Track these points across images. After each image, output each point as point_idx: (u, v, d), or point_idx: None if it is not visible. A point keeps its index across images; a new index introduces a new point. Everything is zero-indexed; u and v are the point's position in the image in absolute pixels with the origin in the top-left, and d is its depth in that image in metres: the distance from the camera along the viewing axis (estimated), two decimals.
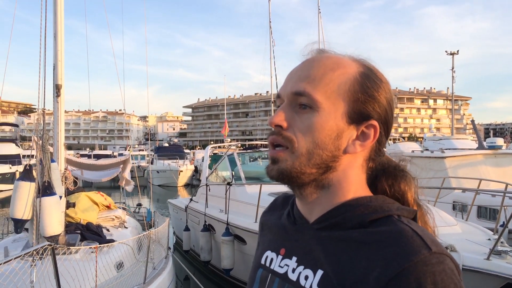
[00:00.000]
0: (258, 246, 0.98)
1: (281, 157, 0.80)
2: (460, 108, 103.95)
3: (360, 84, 0.80)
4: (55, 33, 5.99)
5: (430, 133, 27.90)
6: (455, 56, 28.93)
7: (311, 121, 0.79)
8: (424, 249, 0.69)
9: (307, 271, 0.79)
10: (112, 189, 19.79)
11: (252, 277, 0.92)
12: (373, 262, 0.70)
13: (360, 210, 0.78)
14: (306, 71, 0.81)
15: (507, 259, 4.73)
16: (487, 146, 12.04)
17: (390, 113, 0.83)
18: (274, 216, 0.98)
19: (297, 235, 0.85)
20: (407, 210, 0.80)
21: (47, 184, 4.89)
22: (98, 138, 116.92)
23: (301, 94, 0.79)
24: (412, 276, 0.66)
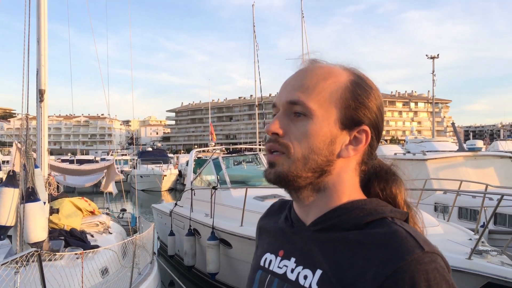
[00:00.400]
0: (257, 249, 1.02)
1: (278, 161, 0.84)
2: (440, 111, 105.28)
3: (351, 91, 0.85)
4: (38, 38, 5.94)
5: (411, 136, 28.29)
6: (436, 59, 29.46)
7: (306, 128, 0.83)
8: (417, 248, 0.73)
9: (306, 271, 0.82)
10: (94, 195, 19.55)
11: (251, 279, 0.95)
12: (369, 261, 0.74)
13: (355, 213, 0.82)
14: (299, 81, 0.85)
15: (488, 258, 4.84)
16: (467, 148, 12.28)
17: (380, 118, 0.88)
18: (272, 220, 1.01)
19: (295, 237, 0.89)
20: (400, 212, 0.84)
21: (31, 190, 4.84)
22: (80, 143, 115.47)
23: (296, 103, 0.83)
24: (406, 274, 0.71)
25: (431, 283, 0.70)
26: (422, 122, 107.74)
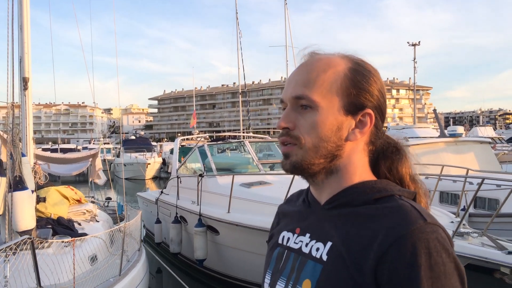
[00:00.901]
0: (274, 234, 1.09)
1: (291, 152, 0.92)
2: (421, 97, 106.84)
3: (350, 79, 0.91)
4: (21, 24, 5.84)
5: (393, 122, 28.66)
6: (417, 46, 29.75)
7: (313, 119, 0.90)
8: (420, 219, 0.80)
9: (318, 244, 0.90)
10: (78, 183, 19.38)
11: (269, 256, 1.04)
12: (376, 231, 0.82)
13: (365, 191, 0.90)
14: (301, 75, 0.92)
15: (469, 240, 5.01)
16: (448, 134, 12.52)
17: (382, 99, 0.95)
18: (290, 205, 1.10)
19: (311, 215, 0.97)
20: (408, 191, 0.92)
21: (18, 179, 4.81)
22: (61, 132, 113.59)
23: (301, 98, 0.91)
24: (408, 241, 0.78)
25: (431, 251, 0.77)
26: (403, 109, 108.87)
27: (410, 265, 0.76)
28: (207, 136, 14.17)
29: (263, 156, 9.88)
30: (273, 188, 7.08)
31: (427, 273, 0.76)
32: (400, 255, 0.77)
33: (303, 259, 0.92)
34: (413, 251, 0.77)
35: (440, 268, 0.76)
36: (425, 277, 0.75)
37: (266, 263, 1.04)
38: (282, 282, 0.94)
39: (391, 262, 0.77)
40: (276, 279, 0.97)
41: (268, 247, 1.08)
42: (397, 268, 0.77)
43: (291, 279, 0.92)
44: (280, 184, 6.78)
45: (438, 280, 0.76)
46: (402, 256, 0.77)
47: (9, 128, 4.93)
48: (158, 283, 8.64)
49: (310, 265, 0.89)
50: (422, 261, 0.76)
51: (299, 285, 0.89)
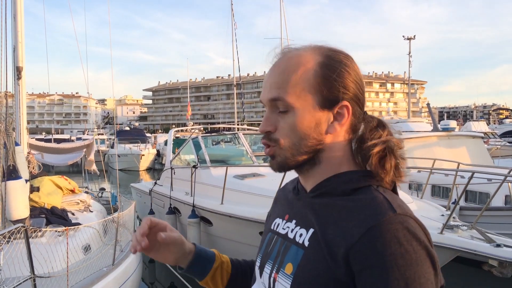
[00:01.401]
0: (269, 218, 1.15)
1: (274, 153, 0.97)
2: (416, 92, 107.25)
3: (321, 75, 0.92)
4: (14, 13, 5.81)
5: (388, 116, 28.73)
6: (412, 41, 29.78)
7: (291, 120, 0.93)
8: (390, 211, 0.83)
9: (302, 230, 0.94)
10: (72, 174, 19.32)
11: (262, 241, 1.09)
12: (350, 222, 0.85)
13: (344, 181, 0.94)
14: (275, 77, 0.95)
15: (459, 233, 5.06)
16: (441, 128, 12.60)
17: (358, 87, 0.96)
18: (284, 192, 1.15)
19: (298, 202, 1.02)
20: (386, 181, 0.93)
21: (12, 168, 4.82)
22: (54, 122, 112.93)
23: (276, 100, 0.93)
24: (378, 232, 0.80)
25: (401, 240, 0.79)
26: (398, 103, 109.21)
27: (381, 254, 0.79)
28: (201, 128, 14.17)
29: (257, 148, 9.90)
30: (267, 180, 7.11)
31: (398, 262, 0.78)
32: (371, 245, 0.80)
33: (288, 244, 0.96)
34: (383, 241, 0.79)
35: (411, 256, 0.78)
36: (396, 266, 0.77)
37: (260, 247, 1.10)
38: (269, 265, 0.99)
39: (362, 252, 0.80)
40: (264, 262, 1.02)
41: (263, 233, 1.13)
42: (367, 258, 0.80)
43: (276, 262, 0.97)
44: (274, 176, 6.81)
45: (410, 267, 0.78)
46: (372, 246, 0.80)
47: (2, 118, 4.92)
48: (151, 273, 8.68)
49: (293, 249, 0.93)
50: (392, 250, 0.78)
51: (283, 268, 0.94)
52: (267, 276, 0.98)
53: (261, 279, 1.02)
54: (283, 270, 0.93)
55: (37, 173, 6.87)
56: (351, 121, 0.97)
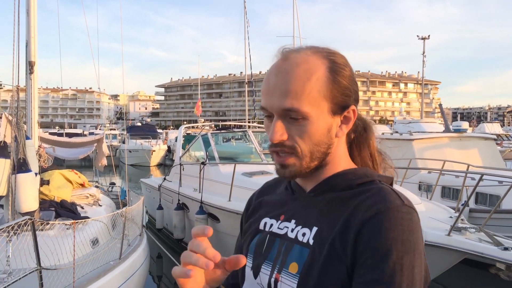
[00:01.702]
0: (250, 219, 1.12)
1: (289, 162, 0.94)
2: (429, 92, 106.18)
3: (333, 82, 0.92)
4: (27, 8, 5.88)
5: (400, 116, 28.53)
6: (426, 40, 29.50)
7: (306, 129, 0.92)
8: (398, 200, 0.87)
9: (304, 229, 0.95)
10: (83, 168, 19.55)
11: (247, 241, 1.06)
12: (357, 210, 0.88)
13: (348, 177, 0.97)
14: (285, 85, 0.90)
15: (467, 235, 5.01)
16: (453, 130, 12.49)
17: (357, 88, 0.98)
18: (269, 194, 1.13)
19: (295, 202, 1.02)
20: (386, 177, 0.99)
21: (22, 161, 4.88)
22: (68, 117, 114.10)
23: (291, 110, 0.90)
24: (385, 216, 0.84)
25: (405, 228, 0.83)
26: (411, 103, 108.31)
27: (383, 237, 0.82)
28: (212, 125, 14.22)
29: (267, 146, 9.90)
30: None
31: (398, 247, 0.81)
32: (376, 228, 0.83)
33: (289, 244, 0.95)
34: (388, 225, 0.83)
35: (411, 245, 0.82)
36: (396, 250, 0.81)
37: (244, 247, 1.07)
38: (267, 265, 0.97)
39: (367, 233, 0.83)
40: (260, 262, 0.99)
41: (245, 234, 1.10)
42: (370, 240, 0.83)
43: (277, 263, 0.95)
44: None
45: (407, 255, 0.81)
46: (377, 229, 0.83)
47: (13, 111, 4.99)
48: (159, 268, 8.75)
49: (296, 249, 0.93)
50: (394, 235, 0.82)
51: (286, 268, 0.93)
52: (266, 277, 0.97)
53: (257, 280, 0.99)
54: (286, 270, 0.93)
55: (48, 166, 6.96)
56: (354, 122, 1.00)
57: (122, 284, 5.08)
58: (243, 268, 1.03)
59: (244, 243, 1.09)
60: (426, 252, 0.87)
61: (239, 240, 1.18)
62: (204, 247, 0.80)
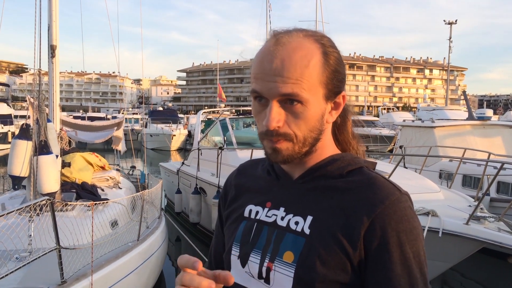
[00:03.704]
0: (234, 209, 1.08)
1: (282, 147, 0.92)
2: (455, 79, 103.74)
3: (328, 67, 0.92)
4: None
5: (424, 103, 28.04)
6: (453, 25, 28.79)
7: (303, 115, 0.91)
8: (396, 191, 0.90)
9: (297, 218, 0.94)
10: (105, 151, 19.89)
11: (233, 228, 1.04)
12: (358, 203, 0.89)
13: (337, 164, 0.97)
14: (284, 71, 0.88)
15: (485, 224, 4.94)
16: (477, 117, 12.21)
17: (345, 72, 0.98)
18: (247, 177, 1.11)
19: (283, 189, 1.00)
20: (371, 162, 1.00)
21: (43, 143, 5.00)
22: (91, 100, 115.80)
23: (291, 95, 0.89)
24: (392, 210, 0.87)
25: (409, 217, 0.88)
26: (436, 90, 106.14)
27: (395, 231, 0.86)
28: (232, 110, 14.24)
29: None
30: None
31: (409, 237, 0.86)
32: (385, 223, 0.86)
33: (280, 232, 0.94)
34: (396, 218, 0.87)
35: (417, 232, 0.89)
36: (407, 241, 0.86)
37: (229, 235, 1.05)
38: (256, 254, 0.96)
39: (378, 229, 0.86)
40: (247, 251, 0.98)
41: (227, 220, 1.09)
42: (383, 235, 0.86)
43: (268, 251, 0.94)
44: None
45: (415, 242, 0.87)
46: (387, 224, 0.86)
47: (35, 94, 5.10)
48: (177, 251, 8.90)
49: (289, 238, 0.92)
50: (404, 227, 0.86)
51: (280, 257, 0.92)
52: (256, 266, 0.95)
53: (245, 268, 0.98)
54: (280, 259, 0.91)
55: (69, 149, 7.11)
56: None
57: (140, 265, 5.20)
58: (228, 256, 1.02)
59: (227, 230, 1.07)
60: (444, 240, 0.91)
61: (218, 226, 1.17)
62: (198, 282, 0.74)
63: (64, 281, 3.73)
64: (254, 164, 1.14)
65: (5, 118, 30.38)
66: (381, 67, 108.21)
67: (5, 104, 33.33)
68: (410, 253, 0.85)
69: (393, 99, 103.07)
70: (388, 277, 0.84)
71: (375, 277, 0.86)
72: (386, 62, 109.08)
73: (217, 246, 1.17)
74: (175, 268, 8.18)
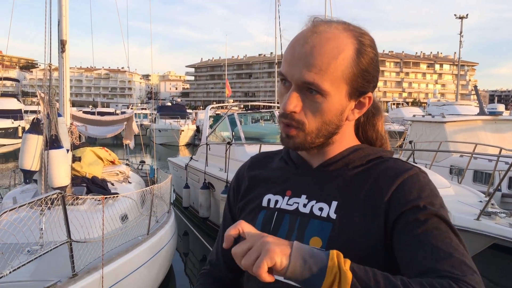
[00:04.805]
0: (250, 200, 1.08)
1: (294, 134, 0.94)
2: (466, 73, 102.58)
3: (357, 66, 0.91)
4: None
5: (434, 99, 27.78)
6: (464, 20, 28.40)
7: (320, 106, 0.91)
8: (416, 168, 0.94)
9: (320, 204, 0.95)
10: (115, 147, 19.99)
11: (252, 219, 1.02)
12: (379, 181, 0.92)
13: (359, 154, 0.99)
14: (311, 58, 0.88)
15: (496, 220, 4.91)
16: (488, 112, 12.09)
17: (378, 74, 0.98)
18: (263, 169, 1.11)
19: (302, 177, 1.01)
20: (390, 152, 1.03)
21: (54, 138, 5.03)
22: (101, 96, 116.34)
23: (311, 84, 0.89)
24: (412, 180, 0.90)
25: (432, 188, 0.90)
26: (446, 85, 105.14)
27: (423, 196, 0.87)
28: (241, 105, 14.23)
29: None
30: None
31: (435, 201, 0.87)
32: (408, 190, 0.88)
33: (304, 219, 0.94)
34: (419, 185, 0.89)
35: (438, 199, 0.89)
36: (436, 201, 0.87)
37: None
38: None
39: (402, 197, 0.88)
40: None
41: (242, 212, 1.08)
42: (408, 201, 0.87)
43: (291, 239, 0.92)
44: None
45: (441, 206, 0.88)
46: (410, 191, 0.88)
47: (46, 89, 5.13)
48: (185, 245, 8.94)
49: (315, 224, 0.92)
50: (428, 192, 0.88)
51: (306, 243, 0.90)
52: None
53: None
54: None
55: (79, 144, 7.15)
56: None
57: (150, 258, 5.22)
58: None
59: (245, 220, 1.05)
60: None
61: (227, 218, 1.16)
62: None
63: (75, 274, 3.76)
64: (269, 156, 1.15)
65: (16, 113, 30.68)
66: (391, 62, 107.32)
67: (15, 99, 33.64)
68: (440, 214, 0.85)
69: (402, 94, 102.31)
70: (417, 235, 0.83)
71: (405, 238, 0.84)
72: (395, 57, 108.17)
73: None
74: (184, 263, 8.22)
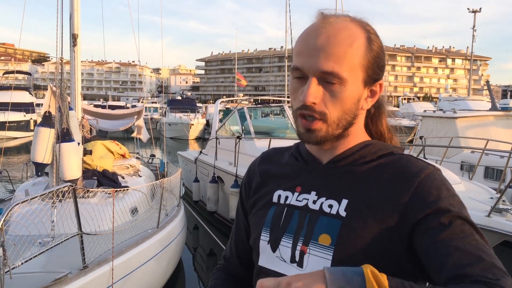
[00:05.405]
0: (261, 196, 1.08)
1: (316, 126, 0.93)
2: (478, 68, 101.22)
3: (371, 52, 0.93)
4: None
5: (445, 94, 27.52)
6: (477, 14, 28.02)
7: (340, 95, 0.92)
8: (430, 165, 0.93)
9: (330, 201, 0.94)
10: (125, 140, 20.11)
11: (262, 215, 1.03)
12: (393, 181, 0.91)
13: (369, 149, 0.98)
14: (329, 48, 0.89)
15: (507, 217, 4.87)
16: (500, 108, 11.96)
17: (385, 63, 0.99)
18: (273, 164, 1.11)
19: (312, 173, 1.01)
20: (400, 148, 1.02)
21: (65, 131, 5.09)
22: (112, 89, 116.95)
23: (331, 74, 0.89)
24: (429, 181, 0.89)
25: (448, 186, 0.90)
26: (458, 80, 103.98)
27: (442, 197, 0.86)
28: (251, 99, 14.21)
29: None
30: None
31: (453, 202, 0.86)
32: (427, 193, 0.87)
33: (313, 216, 0.94)
34: (436, 186, 0.88)
35: (456, 198, 0.89)
36: (455, 203, 0.86)
37: (256, 221, 1.05)
38: (288, 238, 0.95)
39: (421, 200, 0.87)
40: (278, 235, 0.97)
41: (254, 207, 1.08)
42: (428, 204, 0.86)
43: (300, 235, 0.94)
44: None
45: (461, 205, 0.87)
46: (429, 194, 0.87)
47: (57, 83, 5.18)
48: (195, 239, 9.00)
49: (324, 220, 0.92)
50: (445, 194, 0.87)
51: (315, 240, 0.91)
52: (288, 250, 0.95)
53: (276, 253, 0.97)
54: (315, 242, 0.91)
55: (90, 137, 7.20)
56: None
57: (159, 252, 5.27)
58: (257, 242, 1.02)
59: (254, 216, 1.07)
60: None
61: (240, 214, 1.17)
62: None
63: (86, 266, 3.81)
64: (279, 152, 1.14)
65: (27, 106, 30.97)
66: (402, 56, 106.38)
67: (27, 92, 33.96)
68: (462, 215, 0.84)
69: (414, 89, 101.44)
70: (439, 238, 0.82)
71: (427, 242, 0.83)
72: (407, 51, 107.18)
73: (239, 234, 1.17)
74: (193, 256, 8.28)
